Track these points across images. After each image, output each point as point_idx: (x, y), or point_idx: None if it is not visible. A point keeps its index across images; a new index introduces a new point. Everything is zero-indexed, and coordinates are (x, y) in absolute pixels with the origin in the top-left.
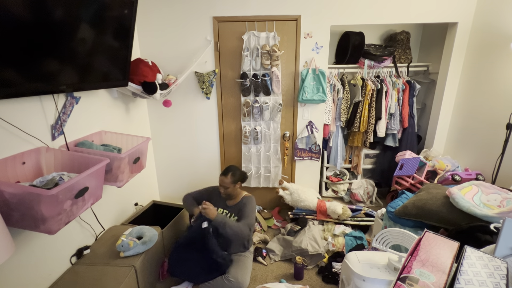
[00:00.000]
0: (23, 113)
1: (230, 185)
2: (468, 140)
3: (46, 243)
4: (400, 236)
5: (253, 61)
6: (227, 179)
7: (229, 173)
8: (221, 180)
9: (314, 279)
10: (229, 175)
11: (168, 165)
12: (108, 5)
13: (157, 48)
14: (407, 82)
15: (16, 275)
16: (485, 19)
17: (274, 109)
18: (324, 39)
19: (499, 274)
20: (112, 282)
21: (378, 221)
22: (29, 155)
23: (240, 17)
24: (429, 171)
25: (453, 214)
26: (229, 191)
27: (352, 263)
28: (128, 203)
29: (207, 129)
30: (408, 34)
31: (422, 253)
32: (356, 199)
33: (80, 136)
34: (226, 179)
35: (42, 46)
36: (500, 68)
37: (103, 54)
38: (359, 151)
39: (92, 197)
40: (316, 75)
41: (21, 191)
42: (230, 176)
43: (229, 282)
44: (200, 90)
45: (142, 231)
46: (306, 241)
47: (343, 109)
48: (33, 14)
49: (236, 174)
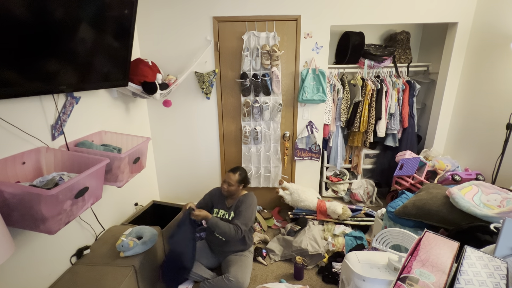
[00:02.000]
0: (23, 113)
1: (235, 184)
2: (468, 140)
3: (46, 243)
4: (400, 236)
5: (253, 61)
6: (235, 177)
7: (238, 171)
8: (228, 176)
9: (314, 279)
10: (237, 173)
11: (168, 165)
12: (108, 5)
13: (157, 48)
14: (407, 82)
15: (16, 275)
16: (485, 19)
17: (274, 109)
18: (324, 39)
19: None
20: (112, 282)
21: (378, 221)
22: (29, 155)
23: (240, 17)
24: (429, 171)
25: (453, 214)
26: (232, 189)
27: (352, 263)
28: (128, 203)
29: (207, 129)
30: (408, 34)
31: (422, 253)
32: (356, 199)
33: (80, 136)
34: (234, 176)
35: (42, 46)
36: (500, 68)
37: (103, 54)
38: (359, 151)
39: (92, 197)
40: (316, 75)
41: (21, 191)
42: (238, 174)
43: (229, 281)
44: (200, 90)
45: (142, 231)
46: (306, 241)
47: (343, 109)
48: (33, 14)
49: (243, 175)
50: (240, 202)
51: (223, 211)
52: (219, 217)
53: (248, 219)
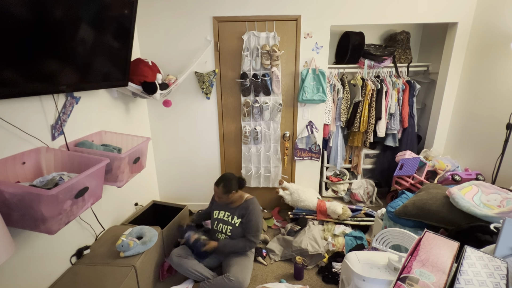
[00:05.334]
0: (23, 113)
1: (224, 195)
2: (468, 140)
3: (46, 243)
4: (400, 236)
5: (253, 61)
6: (219, 190)
7: (221, 184)
8: (215, 191)
9: (314, 279)
10: (220, 186)
11: (168, 165)
12: (108, 5)
13: (157, 48)
14: (407, 82)
15: (16, 275)
16: (485, 19)
17: (274, 109)
18: (324, 39)
19: (499, 274)
20: (112, 282)
21: (378, 221)
22: (29, 155)
23: (240, 17)
24: (429, 171)
25: (453, 214)
26: (223, 200)
27: (352, 263)
28: (128, 203)
29: (207, 129)
30: (408, 34)
31: (422, 253)
32: (356, 199)
33: (80, 136)
34: (218, 190)
35: (42, 46)
36: (500, 68)
37: (103, 54)
38: (359, 151)
39: (92, 197)
40: (316, 75)
41: (21, 191)
42: (221, 187)
43: (230, 281)
44: (200, 90)
45: (142, 231)
46: (306, 241)
47: (343, 109)
48: (33, 13)
49: (229, 185)
50: (246, 209)
51: (225, 212)
52: (220, 218)
53: (258, 230)
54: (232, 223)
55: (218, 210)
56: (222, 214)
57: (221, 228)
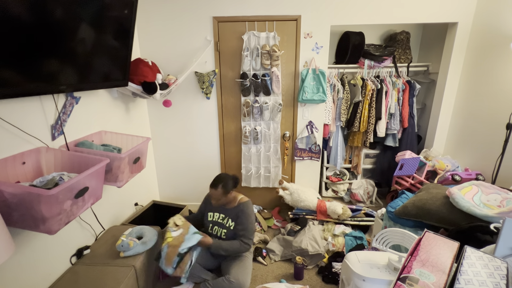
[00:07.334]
0: (23, 113)
1: (222, 197)
2: (468, 140)
3: (46, 243)
4: (400, 236)
5: (253, 61)
6: (218, 192)
7: (219, 185)
8: (212, 193)
9: (314, 279)
10: (219, 187)
11: (168, 165)
12: (108, 5)
13: (157, 48)
14: (407, 82)
15: (16, 275)
16: (485, 19)
17: (274, 109)
18: (324, 39)
19: (499, 274)
20: (112, 282)
21: (378, 221)
22: (29, 155)
23: (240, 17)
24: (429, 171)
25: (453, 214)
26: (221, 202)
27: (352, 263)
28: (128, 203)
29: (207, 129)
30: (408, 34)
31: (422, 253)
32: (356, 199)
33: (80, 136)
34: (217, 192)
35: (42, 46)
36: (500, 68)
37: (103, 54)
38: (359, 151)
39: (92, 197)
40: (316, 75)
41: (21, 191)
42: (220, 188)
43: (230, 283)
44: (200, 90)
45: (142, 231)
46: (306, 241)
47: (343, 109)
48: (33, 14)
49: (227, 185)
50: (241, 211)
51: (219, 214)
52: (215, 220)
53: (252, 232)
54: (227, 226)
55: (212, 212)
56: (217, 216)
57: (216, 231)
